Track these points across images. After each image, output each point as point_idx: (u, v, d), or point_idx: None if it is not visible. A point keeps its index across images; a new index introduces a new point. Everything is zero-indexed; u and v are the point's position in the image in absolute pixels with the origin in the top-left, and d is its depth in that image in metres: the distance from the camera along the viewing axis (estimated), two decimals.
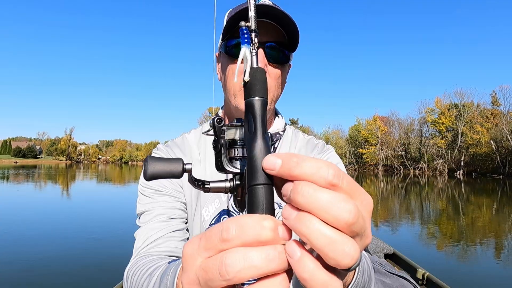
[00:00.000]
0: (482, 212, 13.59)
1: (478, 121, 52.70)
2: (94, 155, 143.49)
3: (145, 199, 0.85)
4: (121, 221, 9.80)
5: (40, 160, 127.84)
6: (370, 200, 0.30)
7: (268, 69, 0.78)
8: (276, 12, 0.72)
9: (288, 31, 0.76)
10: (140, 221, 0.86)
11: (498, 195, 21.51)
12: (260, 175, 0.32)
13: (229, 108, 0.87)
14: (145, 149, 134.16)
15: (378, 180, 37.96)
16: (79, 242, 7.23)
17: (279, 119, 0.97)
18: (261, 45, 0.76)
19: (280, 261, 0.27)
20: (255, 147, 0.33)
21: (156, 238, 0.80)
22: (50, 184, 24.51)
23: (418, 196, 20.78)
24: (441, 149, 56.13)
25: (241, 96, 0.79)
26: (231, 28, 0.77)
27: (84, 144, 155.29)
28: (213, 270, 0.27)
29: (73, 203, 14.70)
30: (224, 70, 0.84)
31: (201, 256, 0.29)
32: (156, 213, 0.82)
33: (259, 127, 0.34)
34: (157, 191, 0.85)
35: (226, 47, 0.80)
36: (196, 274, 0.29)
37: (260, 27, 0.75)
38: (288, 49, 0.80)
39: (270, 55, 0.77)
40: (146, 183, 0.86)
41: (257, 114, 0.35)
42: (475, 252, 7.32)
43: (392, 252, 2.64)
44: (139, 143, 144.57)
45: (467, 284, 5.20)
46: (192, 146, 0.93)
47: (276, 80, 0.81)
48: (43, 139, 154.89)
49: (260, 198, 0.31)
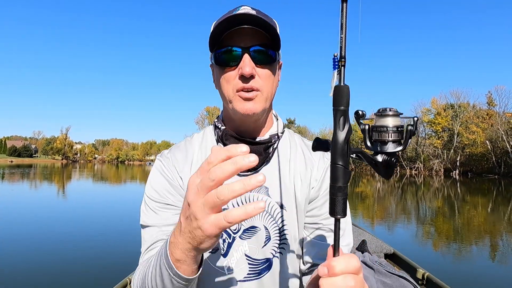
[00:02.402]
0: (477, 211, 13.67)
1: (474, 121, 53.01)
2: (90, 154, 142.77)
3: (150, 212, 0.89)
4: (117, 221, 9.74)
5: (35, 159, 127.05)
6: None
7: (257, 70, 0.82)
8: (254, 18, 0.78)
9: (269, 33, 0.81)
10: (145, 235, 0.88)
11: (493, 195, 21.65)
12: (338, 157, 0.54)
13: (228, 114, 0.92)
14: (142, 149, 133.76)
15: (375, 180, 38.06)
16: (74, 242, 7.18)
17: (277, 121, 1.00)
18: (246, 50, 0.81)
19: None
20: (338, 138, 0.54)
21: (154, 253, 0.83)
22: (45, 184, 24.36)
23: (415, 196, 20.87)
24: (437, 149, 56.42)
25: (236, 100, 0.84)
26: (218, 39, 0.82)
27: (80, 143, 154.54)
28: (205, 178, 0.49)
29: (69, 202, 14.63)
30: (218, 79, 0.88)
31: (198, 176, 0.52)
32: (160, 233, 0.86)
33: (340, 124, 0.53)
34: (162, 205, 0.88)
35: (216, 57, 0.85)
36: (196, 185, 0.50)
37: (244, 34, 0.81)
38: (272, 49, 0.84)
39: (256, 59, 0.81)
40: (151, 195, 0.90)
41: (338, 117, 0.53)
42: (472, 251, 7.35)
43: (392, 252, 2.63)
44: (135, 143, 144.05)
45: (467, 283, 5.23)
46: (195, 149, 0.96)
47: (266, 80, 0.85)
48: (38, 138, 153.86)
49: (338, 173, 0.53)
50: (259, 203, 0.46)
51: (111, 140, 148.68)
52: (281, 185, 0.91)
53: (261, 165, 0.91)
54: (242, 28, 0.80)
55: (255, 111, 0.84)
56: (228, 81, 0.84)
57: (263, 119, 0.93)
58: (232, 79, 0.83)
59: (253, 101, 0.83)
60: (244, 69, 0.80)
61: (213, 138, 0.98)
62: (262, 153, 0.91)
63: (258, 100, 0.84)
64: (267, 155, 0.91)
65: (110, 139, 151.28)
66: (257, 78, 0.83)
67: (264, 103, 0.86)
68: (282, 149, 0.96)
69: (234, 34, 0.81)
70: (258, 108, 0.84)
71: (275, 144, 0.94)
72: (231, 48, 0.82)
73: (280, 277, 0.90)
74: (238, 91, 0.83)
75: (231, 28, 0.80)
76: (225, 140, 0.91)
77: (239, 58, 0.81)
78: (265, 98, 0.86)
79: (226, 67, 0.83)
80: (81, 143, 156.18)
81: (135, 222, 7.24)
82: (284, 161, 0.94)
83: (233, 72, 0.83)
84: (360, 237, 2.58)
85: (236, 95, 0.84)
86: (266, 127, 0.95)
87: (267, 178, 0.87)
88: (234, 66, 0.82)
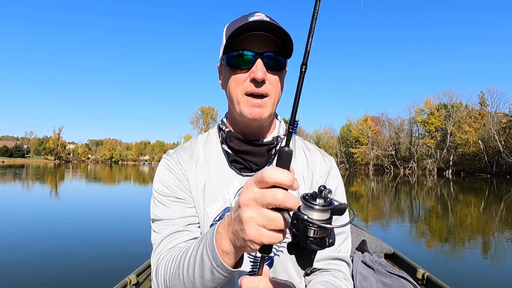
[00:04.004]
0: (470, 210, 13.82)
1: (467, 121, 53.60)
2: (84, 154, 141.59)
3: (161, 206, 0.91)
4: (117, 222, 9.67)
5: (28, 160, 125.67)
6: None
7: (268, 76, 0.85)
8: (269, 25, 0.81)
9: (281, 40, 0.84)
10: (156, 228, 0.90)
11: (485, 194, 21.92)
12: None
13: (234, 116, 0.94)
14: (136, 149, 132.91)
15: (369, 179, 38.29)
16: (74, 242, 7.12)
17: (280, 124, 1.02)
18: (259, 55, 0.84)
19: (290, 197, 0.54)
20: None
21: (178, 243, 0.86)
22: (38, 184, 24.07)
23: (408, 195, 21.02)
24: (431, 148, 56.96)
25: (244, 103, 0.86)
26: (232, 42, 0.85)
27: (73, 143, 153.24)
28: (269, 196, 0.53)
29: (69, 202, 14.48)
30: (226, 80, 0.90)
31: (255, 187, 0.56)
32: (174, 226, 0.88)
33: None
34: (172, 198, 0.91)
35: (228, 59, 0.87)
36: (255, 194, 0.55)
37: (258, 39, 0.84)
38: (283, 56, 0.87)
39: (267, 64, 0.84)
40: (161, 190, 0.92)
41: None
42: (465, 249, 7.41)
43: (392, 252, 2.63)
44: (129, 142, 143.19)
45: (467, 283, 5.26)
46: (199, 150, 0.99)
47: (275, 85, 0.87)
48: (30, 138, 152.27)
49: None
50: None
51: (104, 140, 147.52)
52: None
53: (264, 166, 0.93)
54: (256, 33, 0.83)
55: (262, 116, 0.86)
56: (237, 83, 0.86)
57: (268, 123, 0.95)
58: (242, 82, 0.85)
59: (261, 107, 0.85)
60: (256, 74, 0.82)
61: (217, 139, 1.00)
62: (265, 155, 0.92)
63: (266, 105, 0.86)
64: (269, 157, 0.93)
65: (103, 139, 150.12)
66: (267, 83, 0.85)
67: (271, 109, 0.88)
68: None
69: (248, 39, 0.83)
70: (265, 114, 0.86)
71: (278, 145, 0.95)
72: (245, 52, 0.84)
73: (282, 275, 0.91)
74: (248, 94, 0.85)
75: (245, 33, 0.83)
76: (229, 142, 0.93)
77: (251, 63, 0.84)
78: (272, 103, 0.88)
79: (238, 69, 0.85)
80: (74, 143, 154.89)
81: (135, 222, 7.19)
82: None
83: (244, 75, 0.85)
84: (360, 237, 2.58)
85: (245, 97, 0.85)
86: (269, 129, 0.97)
87: None
88: (245, 69, 0.84)
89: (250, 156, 0.92)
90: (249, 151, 0.91)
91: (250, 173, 0.92)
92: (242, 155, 0.92)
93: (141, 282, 2.37)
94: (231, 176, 0.93)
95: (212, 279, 0.67)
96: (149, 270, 2.54)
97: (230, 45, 0.85)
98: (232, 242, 0.61)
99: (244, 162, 0.92)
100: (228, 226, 0.61)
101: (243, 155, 0.92)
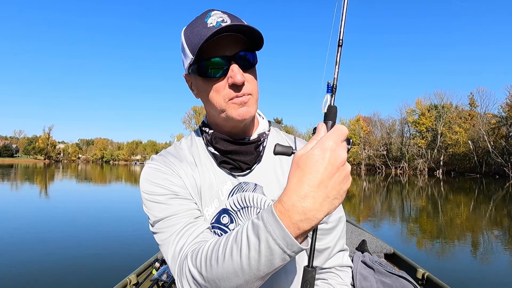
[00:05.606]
0: (460, 210, 14.02)
1: (457, 121, 54.35)
2: (74, 154, 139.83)
3: (160, 206, 0.83)
4: (117, 222, 9.58)
5: (16, 159, 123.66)
6: None
7: (245, 76, 0.82)
8: (233, 26, 0.77)
9: (249, 36, 0.81)
10: (162, 227, 0.82)
11: (475, 193, 22.26)
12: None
13: (216, 120, 0.91)
14: (127, 148, 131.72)
15: (361, 179, 38.56)
16: (74, 242, 7.05)
17: (263, 120, 1.01)
18: (232, 58, 0.80)
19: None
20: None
21: (199, 233, 0.78)
22: (27, 184, 23.69)
23: (400, 194, 21.22)
24: (422, 149, 57.58)
25: (230, 108, 0.83)
26: (200, 52, 0.80)
27: (63, 142, 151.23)
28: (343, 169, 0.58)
29: (68, 202, 14.30)
30: (202, 90, 0.87)
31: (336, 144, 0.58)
32: (185, 218, 0.81)
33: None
34: (171, 195, 0.84)
35: (199, 69, 0.83)
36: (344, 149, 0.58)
37: (226, 42, 0.80)
38: (251, 52, 0.85)
39: (242, 65, 0.82)
40: (151, 190, 0.85)
41: (329, 127, 0.64)
42: (456, 247, 7.50)
43: (392, 252, 2.63)
44: (120, 142, 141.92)
45: (467, 283, 5.31)
46: (185, 153, 0.96)
47: (253, 82, 0.85)
48: (19, 137, 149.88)
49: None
50: None
51: (95, 140, 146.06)
52: (275, 181, 0.92)
53: (254, 164, 0.92)
54: (222, 36, 0.79)
55: (250, 114, 0.84)
56: (217, 92, 0.82)
57: (251, 120, 0.94)
58: (222, 89, 0.82)
59: (247, 105, 0.83)
60: (235, 78, 0.79)
61: (201, 142, 0.97)
62: (253, 152, 0.91)
63: (251, 103, 0.84)
64: (258, 154, 0.92)
65: (94, 139, 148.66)
66: (246, 83, 0.82)
67: (256, 105, 0.87)
68: (272, 146, 0.97)
69: (217, 43, 0.80)
70: (252, 111, 0.85)
71: (264, 142, 0.95)
72: (217, 59, 0.80)
73: (279, 272, 0.87)
74: (231, 99, 0.82)
75: (210, 39, 0.77)
76: (215, 144, 0.90)
77: (225, 68, 0.80)
78: (256, 100, 0.87)
79: (213, 78, 0.82)
80: (65, 142, 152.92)
81: (134, 222, 7.14)
82: (275, 157, 0.95)
83: (222, 82, 0.82)
84: (360, 237, 2.58)
85: (229, 103, 0.82)
86: (253, 127, 0.96)
87: (261, 176, 0.91)
88: (222, 76, 0.81)
89: (239, 156, 0.90)
90: (237, 151, 0.89)
91: (241, 173, 0.90)
92: (230, 156, 0.90)
93: (141, 282, 2.35)
94: (223, 177, 0.91)
95: (281, 265, 0.61)
96: (149, 270, 2.52)
97: (198, 54, 0.81)
98: (325, 208, 0.57)
99: (233, 162, 0.90)
100: (325, 195, 0.56)
101: (231, 155, 0.90)
